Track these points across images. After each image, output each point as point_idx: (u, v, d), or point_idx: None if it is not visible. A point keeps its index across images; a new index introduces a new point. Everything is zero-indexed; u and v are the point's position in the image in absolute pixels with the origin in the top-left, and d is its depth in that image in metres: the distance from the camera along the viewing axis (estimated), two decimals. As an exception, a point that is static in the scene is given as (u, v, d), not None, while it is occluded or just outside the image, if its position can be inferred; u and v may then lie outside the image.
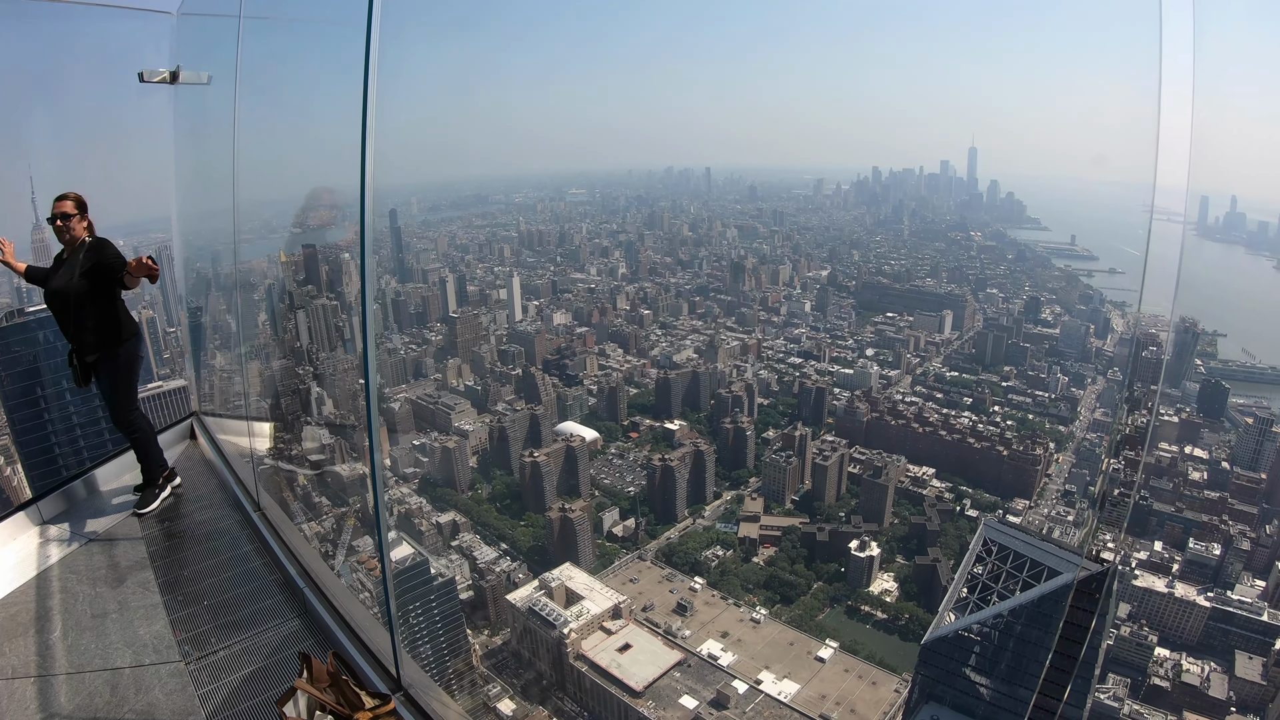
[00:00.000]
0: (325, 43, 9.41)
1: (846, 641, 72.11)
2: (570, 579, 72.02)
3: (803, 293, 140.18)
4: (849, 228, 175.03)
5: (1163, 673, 65.02)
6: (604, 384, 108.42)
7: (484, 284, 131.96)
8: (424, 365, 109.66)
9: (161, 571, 8.20)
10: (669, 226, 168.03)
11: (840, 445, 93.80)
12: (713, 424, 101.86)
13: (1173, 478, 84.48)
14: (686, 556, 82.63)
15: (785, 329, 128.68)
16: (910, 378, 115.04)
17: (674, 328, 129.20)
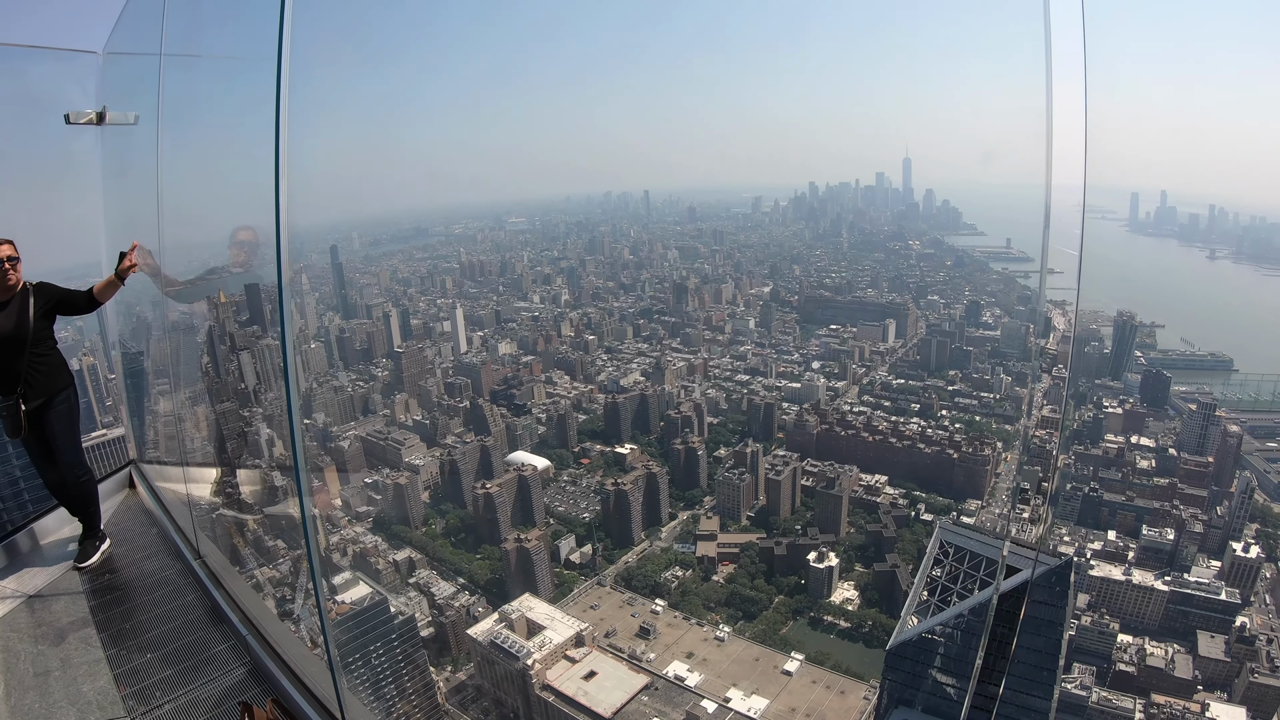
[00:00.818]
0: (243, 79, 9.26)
1: (812, 653, 72.18)
2: (530, 609, 71.43)
3: (746, 310, 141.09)
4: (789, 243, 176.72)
5: (1127, 658, 66.10)
6: (552, 411, 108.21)
7: (427, 317, 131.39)
8: (372, 401, 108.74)
9: (104, 625, 7.98)
10: (610, 251, 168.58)
11: (792, 459, 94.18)
12: (664, 445, 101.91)
13: (1121, 467, 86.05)
14: (646, 579, 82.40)
15: (731, 347, 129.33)
16: (857, 388, 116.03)
17: (620, 352, 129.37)
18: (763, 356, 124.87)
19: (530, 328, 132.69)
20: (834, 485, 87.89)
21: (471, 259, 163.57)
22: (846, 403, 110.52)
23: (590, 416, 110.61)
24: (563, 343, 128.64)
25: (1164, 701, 62.27)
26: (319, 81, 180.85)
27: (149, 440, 13.37)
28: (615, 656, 70.58)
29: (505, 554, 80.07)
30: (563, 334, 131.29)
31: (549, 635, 68.03)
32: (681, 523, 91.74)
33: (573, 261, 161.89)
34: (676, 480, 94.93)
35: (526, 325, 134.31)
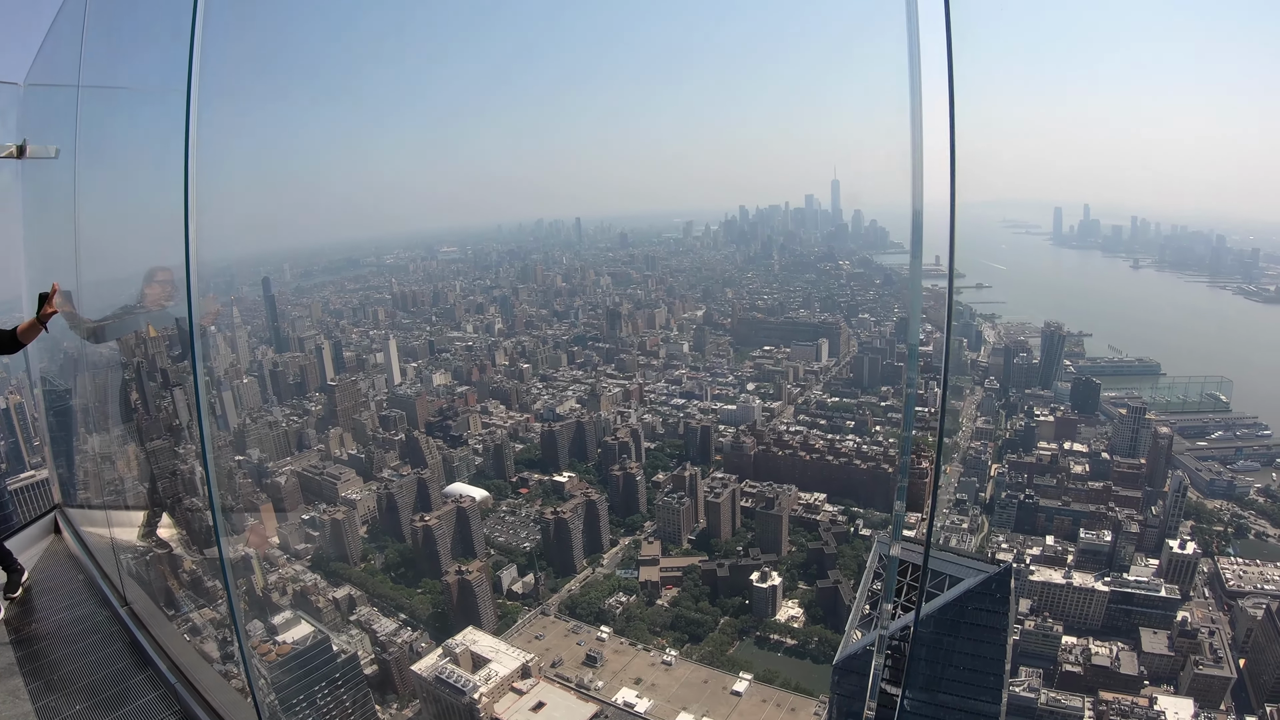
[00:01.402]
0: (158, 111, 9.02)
1: (760, 672, 72.37)
2: (475, 642, 70.65)
3: (680, 334, 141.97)
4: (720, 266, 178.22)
5: (1073, 658, 67.55)
6: (489, 442, 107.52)
7: (360, 348, 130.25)
8: (306, 436, 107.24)
9: (32, 676, 7.68)
10: (542, 279, 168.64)
11: (730, 481, 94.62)
12: (602, 472, 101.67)
13: (1055, 473, 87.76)
14: (590, 606, 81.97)
15: (665, 371, 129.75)
16: (792, 408, 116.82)
17: (554, 379, 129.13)
18: (697, 380, 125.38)
19: (464, 357, 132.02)
20: (773, 505, 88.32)
21: (404, 289, 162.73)
22: (782, 422, 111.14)
23: (527, 445, 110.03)
24: (497, 372, 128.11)
25: (1112, 698, 63.59)
26: (238, 113, 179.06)
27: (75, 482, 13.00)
28: (563, 686, 70.06)
29: (446, 587, 79.22)
30: (497, 363, 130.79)
31: (494, 668, 67.32)
32: (623, 548, 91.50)
33: (505, 290, 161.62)
34: (616, 506, 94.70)
35: (460, 355, 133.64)
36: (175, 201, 5.45)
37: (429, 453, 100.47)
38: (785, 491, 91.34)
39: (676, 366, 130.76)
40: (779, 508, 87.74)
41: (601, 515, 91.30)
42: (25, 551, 10.02)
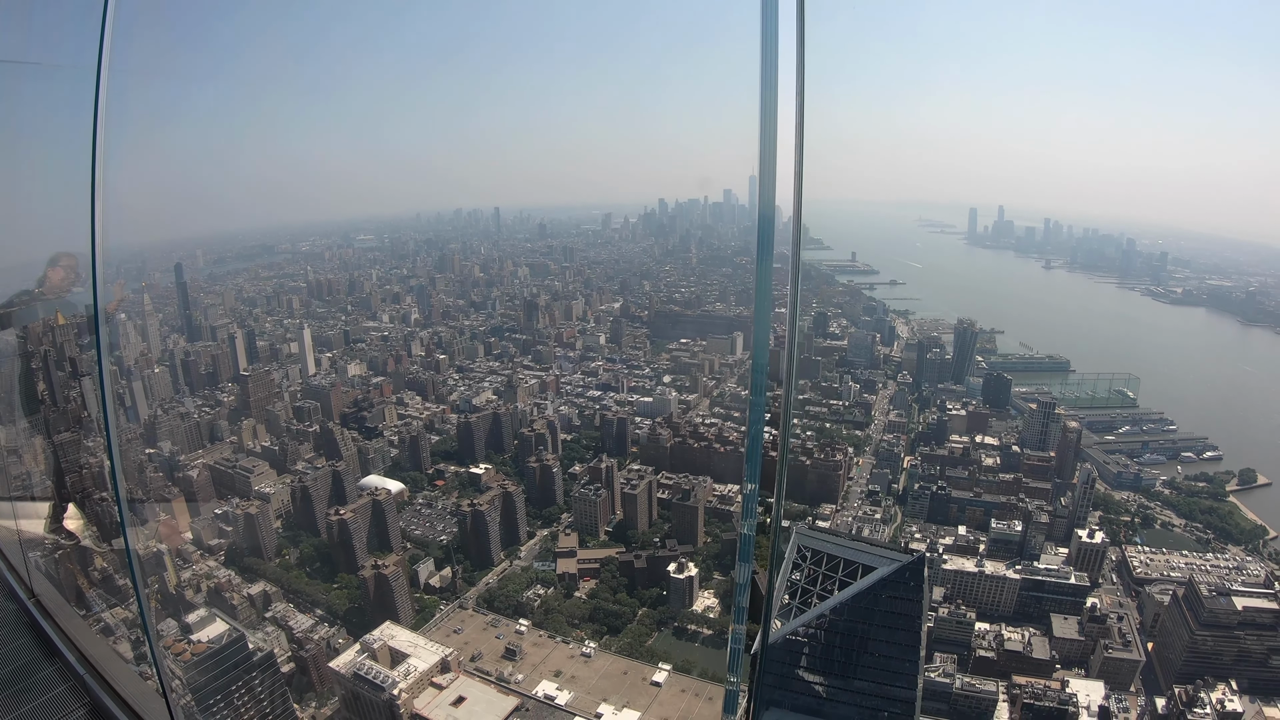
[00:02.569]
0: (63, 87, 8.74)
1: (679, 662, 72.94)
2: (393, 638, 69.95)
3: (596, 326, 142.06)
4: (638, 259, 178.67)
5: (986, 644, 69.35)
6: (405, 433, 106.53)
7: (274, 338, 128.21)
8: (218, 428, 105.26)
9: (-68, 673, 7.47)
10: (460, 269, 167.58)
11: (647, 473, 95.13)
12: (518, 464, 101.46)
13: (967, 465, 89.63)
14: (508, 599, 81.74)
15: (582, 363, 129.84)
16: (708, 400, 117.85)
17: (471, 370, 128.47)
18: (614, 372, 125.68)
19: (380, 348, 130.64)
20: (689, 496, 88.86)
21: (319, 277, 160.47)
22: (698, 415, 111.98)
23: (443, 437, 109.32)
24: (413, 362, 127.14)
25: (1025, 682, 65.29)
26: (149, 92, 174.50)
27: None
28: (483, 680, 69.77)
29: (363, 582, 78.39)
30: (413, 353, 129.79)
31: (413, 663, 66.77)
32: (540, 540, 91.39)
33: (423, 280, 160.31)
34: (533, 498, 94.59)
35: (376, 345, 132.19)
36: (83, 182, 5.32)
37: (344, 445, 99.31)
38: (701, 483, 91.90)
39: (593, 358, 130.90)
40: (695, 499, 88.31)
41: (519, 507, 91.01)
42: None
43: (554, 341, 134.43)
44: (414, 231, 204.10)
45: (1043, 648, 68.37)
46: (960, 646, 69.25)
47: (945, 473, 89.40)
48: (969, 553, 78.48)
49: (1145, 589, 73.45)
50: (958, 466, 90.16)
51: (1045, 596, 73.37)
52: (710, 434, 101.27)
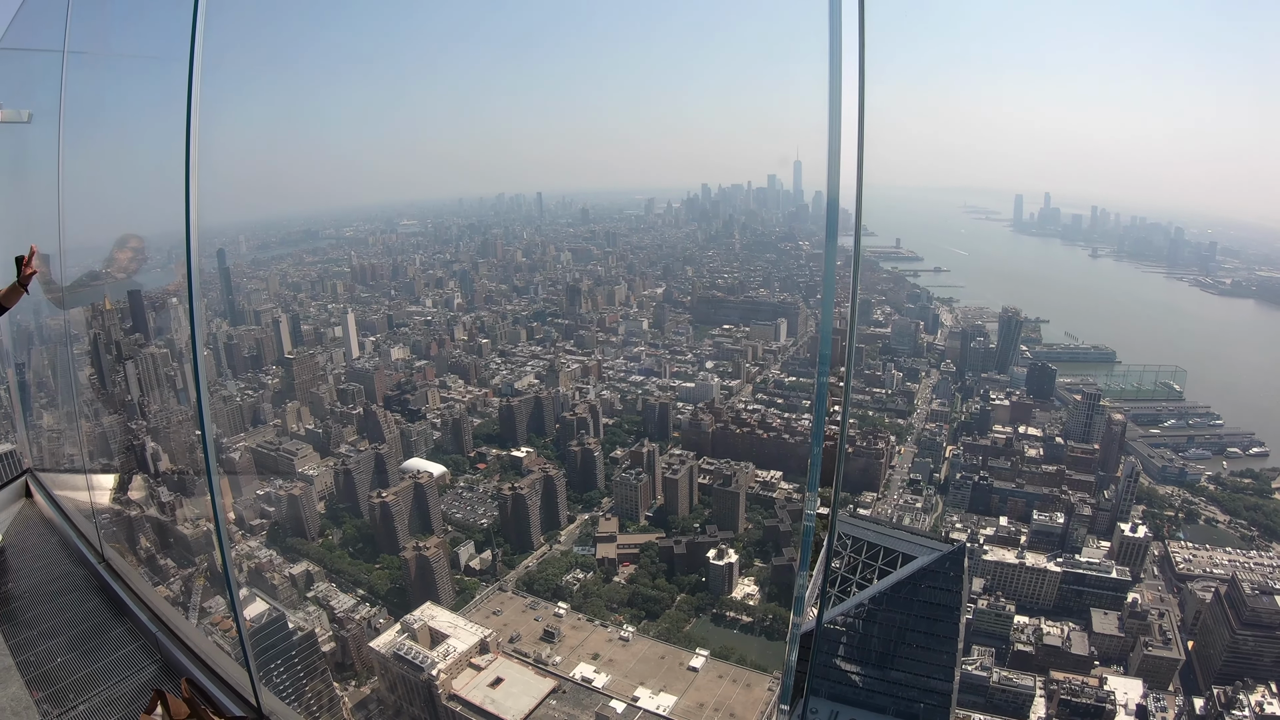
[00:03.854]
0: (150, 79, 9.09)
1: (716, 648, 72.86)
2: (433, 618, 70.52)
3: (639, 311, 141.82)
4: (681, 244, 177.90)
5: (1025, 638, 68.57)
6: (447, 416, 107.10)
7: (318, 322, 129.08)
8: (262, 411, 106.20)
9: (11, 633, 7.83)
10: (503, 254, 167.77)
11: (688, 458, 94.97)
12: (560, 448, 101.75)
13: (1010, 456, 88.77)
14: (547, 583, 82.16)
15: (624, 348, 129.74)
16: (751, 386, 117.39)
17: (513, 355, 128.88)
18: (656, 357, 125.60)
19: (423, 332, 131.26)
20: (730, 482, 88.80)
21: (363, 262, 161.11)
22: (740, 401, 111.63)
23: (485, 420, 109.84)
24: (456, 346, 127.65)
25: (1063, 678, 64.53)
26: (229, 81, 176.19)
27: (47, 447, 13.02)
28: (521, 662, 70.22)
29: (404, 563, 79.11)
30: (456, 338, 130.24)
31: (453, 644, 67.32)
32: (580, 525, 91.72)
33: (465, 264, 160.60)
34: (574, 482, 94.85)
35: (419, 329, 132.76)
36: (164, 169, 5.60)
37: (387, 427, 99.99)
38: (743, 469, 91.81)
39: (636, 343, 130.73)
40: (736, 485, 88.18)
41: (559, 491, 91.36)
42: (1, 512, 10.15)
43: (596, 326, 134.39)
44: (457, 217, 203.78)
45: (1081, 643, 67.50)
46: (999, 640, 68.36)
47: (987, 463, 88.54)
48: (1010, 544, 77.76)
49: (1187, 585, 72.02)
50: (1000, 457, 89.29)
51: (1086, 590, 72.37)
52: (753, 420, 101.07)
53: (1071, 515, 79.50)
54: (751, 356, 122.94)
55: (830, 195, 4.85)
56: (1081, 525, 78.99)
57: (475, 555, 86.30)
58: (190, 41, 5.29)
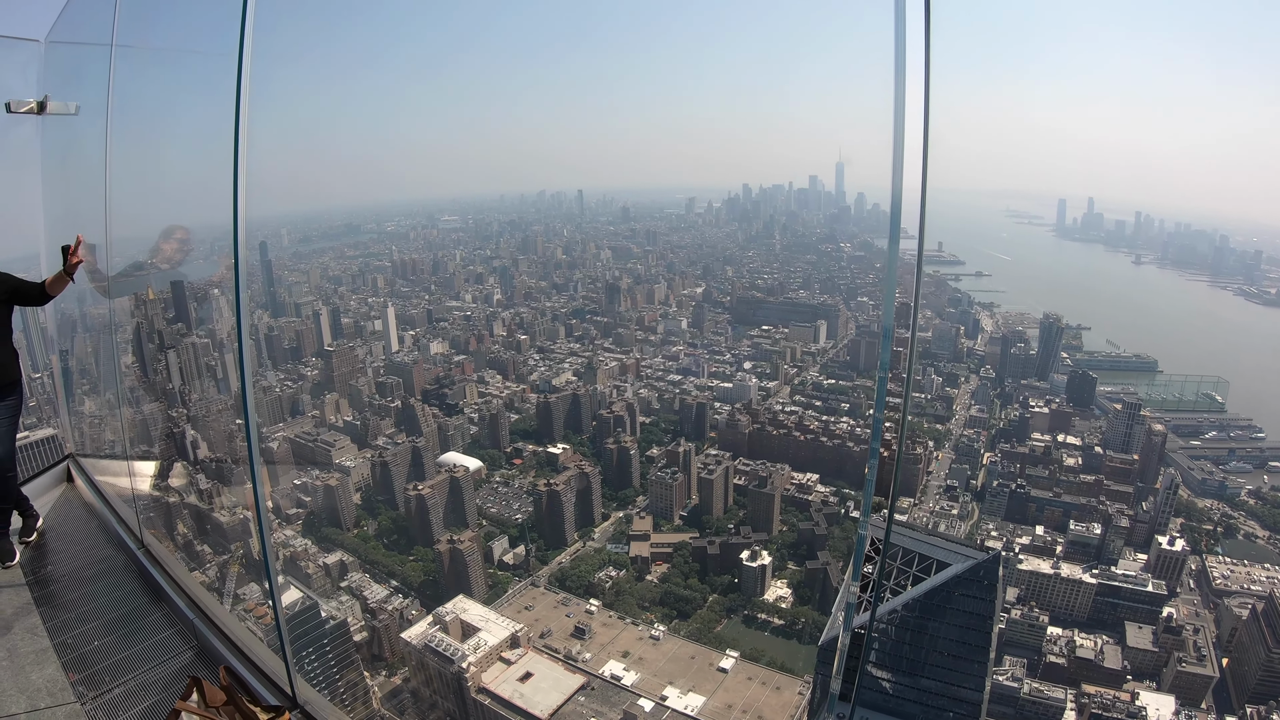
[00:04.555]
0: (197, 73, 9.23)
1: (747, 650, 72.73)
2: (465, 611, 70.92)
3: (678, 310, 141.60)
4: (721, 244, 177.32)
5: (1057, 650, 67.68)
6: (484, 411, 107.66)
7: (358, 316, 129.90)
8: (300, 402, 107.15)
9: (49, 615, 7.95)
10: (543, 250, 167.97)
11: (724, 458, 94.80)
12: (596, 445, 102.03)
13: (1048, 465, 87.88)
14: (580, 579, 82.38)
15: (663, 347, 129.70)
16: (789, 388, 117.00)
17: (552, 351, 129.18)
18: (695, 356, 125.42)
19: (462, 327, 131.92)
20: (766, 484, 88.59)
21: (404, 257, 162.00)
22: (778, 402, 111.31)
23: (522, 416, 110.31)
24: (495, 342, 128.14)
25: (1094, 691, 63.74)
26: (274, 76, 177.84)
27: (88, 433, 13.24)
28: (551, 657, 70.42)
29: (438, 556, 79.59)
30: (495, 333, 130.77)
31: (484, 637, 67.62)
32: (615, 522, 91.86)
33: (505, 261, 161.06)
34: (609, 480, 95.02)
35: (459, 324, 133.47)
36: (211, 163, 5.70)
37: (424, 421, 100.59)
38: (778, 471, 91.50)
39: (674, 342, 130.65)
40: (771, 487, 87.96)
41: (594, 488, 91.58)
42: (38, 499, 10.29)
43: (635, 325, 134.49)
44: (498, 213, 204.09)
45: (1115, 657, 66.60)
46: (1031, 650, 67.75)
47: (1025, 471, 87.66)
48: (1045, 554, 77.01)
49: (1224, 601, 70.74)
50: (1038, 465, 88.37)
51: (1121, 603, 71.36)
52: (790, 422, 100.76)
53: (1109, 526, 78.59)
54: (790, 358, 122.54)
55: (894, 197, 4.84)
56: (1118, 537, 78.04)
57: (509, 550, 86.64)
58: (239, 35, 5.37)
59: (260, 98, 5.69)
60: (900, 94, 4.63)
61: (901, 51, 4.57)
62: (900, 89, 4.62)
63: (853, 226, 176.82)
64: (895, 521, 65.71)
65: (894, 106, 4.65)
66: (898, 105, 4.65)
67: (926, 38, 4.52)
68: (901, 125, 4.70)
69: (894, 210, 5.07)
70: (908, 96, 4.64)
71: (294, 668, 6.35)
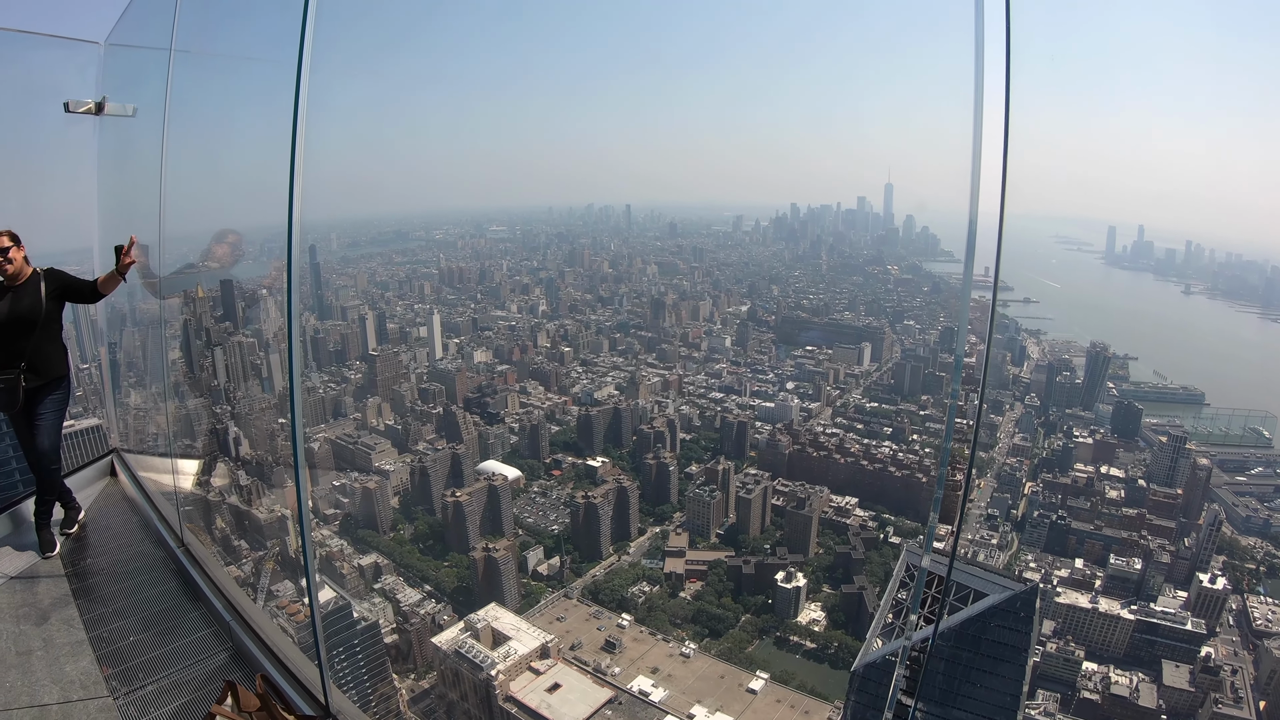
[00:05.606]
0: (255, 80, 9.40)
1: (777, 672, 72.27)
2: (496, 619, 71.08)
3: (723, 328, 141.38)
4: (768, 263, 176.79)
5: (1092, 686, 66.58)
6: (525, 422, 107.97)
7: (404, 321, 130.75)
8: (343, 404, 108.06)
9: (86, 608, 8.03)
10: (589, 263, 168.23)
11: (763, 478, 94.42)
12: (635, 460, 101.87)
13: (1090, 497, 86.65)
14: (613, 593, 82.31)
15: (706, 364, 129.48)
16: (831, 409, 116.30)
17: (595, 364, 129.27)
18: (738, 375, 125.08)
19: (507, 337, 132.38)
20: (804, 505, 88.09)
21: (451, 265, 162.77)
22: (820, 424, 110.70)
23: (563, 428, 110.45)
24: (538, 353, 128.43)
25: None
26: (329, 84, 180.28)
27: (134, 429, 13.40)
28: (580, 669, 70.41)
29: (473, 563, 79.91)
30: (539, 344, 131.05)
31: (514, 646, 67.79)
32: (650, 538, 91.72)
33: (552, 272, 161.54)
34: (647, 495, 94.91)
35: (503, 334, 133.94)
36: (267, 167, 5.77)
37: (465, 428, 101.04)
38: (817, 492, 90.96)
39: (717, 360, 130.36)
40: (810, 508, 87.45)
41: (632, 503, 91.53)
42: (81, 491, 10.43)
43: (679, 341, 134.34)
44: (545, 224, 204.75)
45: (1150, 695, 65.32)
46: (1065, 685, 66.71)
47: (1066, 502, 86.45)
48: (1084, 587, 75.86)
49: (1264, 643, 69.01)
50: (1080, 497, 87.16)
51: (1158, 641, 70.02)
52: (831, 444, 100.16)
53: (1149, 561, 77.30)
54: (833, 379, 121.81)
55: (970, 223, 4.81)
56: (1159, 572, 76.69)
57: (544, 560, 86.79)
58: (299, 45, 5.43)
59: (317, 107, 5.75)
60: (978, 121, 4.61)
61: (980, 80, 4.55)
62: (978, 117, 4.60)
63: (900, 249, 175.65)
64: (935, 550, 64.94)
65: (973, 134, 4.64)
66: (976, 133, 4.62)
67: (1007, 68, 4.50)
68: (979, 153, 4.68)
69: (969, 239, 5.03)
70: (985, 124, 4.62)
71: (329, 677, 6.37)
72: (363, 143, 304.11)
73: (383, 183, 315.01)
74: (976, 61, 4.53)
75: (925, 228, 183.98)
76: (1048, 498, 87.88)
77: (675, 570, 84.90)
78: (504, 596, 78.30)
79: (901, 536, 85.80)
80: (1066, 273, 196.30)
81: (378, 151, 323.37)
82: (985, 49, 4.53)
